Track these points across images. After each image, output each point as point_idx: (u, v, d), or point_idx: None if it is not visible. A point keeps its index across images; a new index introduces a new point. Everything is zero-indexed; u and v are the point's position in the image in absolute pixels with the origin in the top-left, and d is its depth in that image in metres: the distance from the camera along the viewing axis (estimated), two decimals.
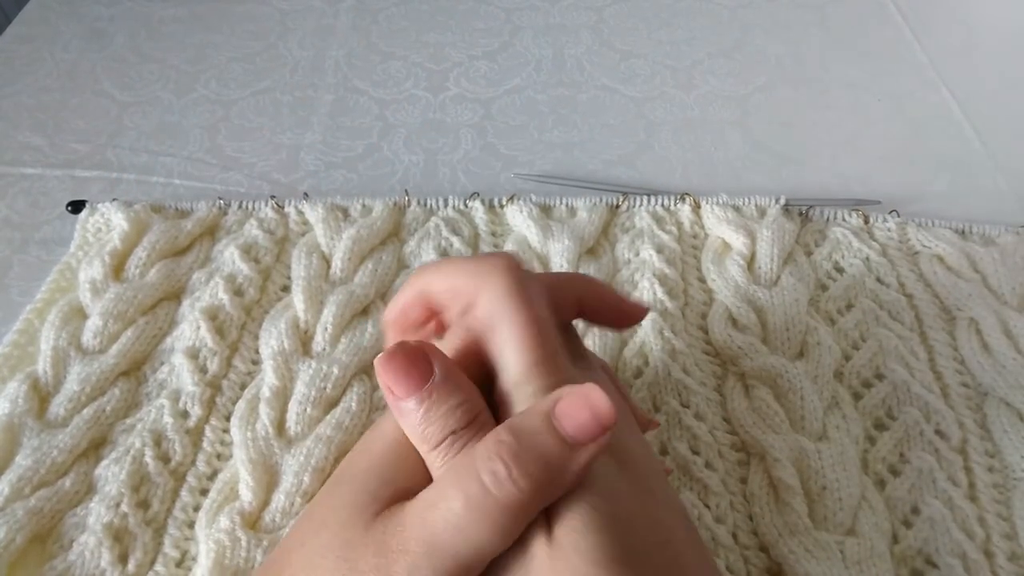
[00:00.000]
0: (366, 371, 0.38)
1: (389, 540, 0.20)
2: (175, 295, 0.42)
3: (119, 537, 0.32)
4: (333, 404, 0.36)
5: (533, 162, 0.52)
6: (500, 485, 0.20)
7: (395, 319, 0.28)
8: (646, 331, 0.39)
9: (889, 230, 0.46)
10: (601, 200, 0.46)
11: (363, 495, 0.22)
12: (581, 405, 0.21)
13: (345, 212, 0.46)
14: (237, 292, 0.41)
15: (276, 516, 0.32)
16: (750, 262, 0.43)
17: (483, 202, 0.46)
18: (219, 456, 0.35)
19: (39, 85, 0.58)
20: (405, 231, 0.46)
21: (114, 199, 0.46)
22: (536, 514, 0.21)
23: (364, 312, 0.41)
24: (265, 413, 0.35)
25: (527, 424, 0.21)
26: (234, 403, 0.37)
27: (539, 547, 0.20)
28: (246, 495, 0.33)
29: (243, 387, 0.38)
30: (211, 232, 0.45)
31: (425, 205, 0.47)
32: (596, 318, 0.30)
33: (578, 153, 0.53)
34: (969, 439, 0.36)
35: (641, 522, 0.21)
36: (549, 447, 0.20)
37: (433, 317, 0.28)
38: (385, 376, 0.22)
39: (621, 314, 0.30)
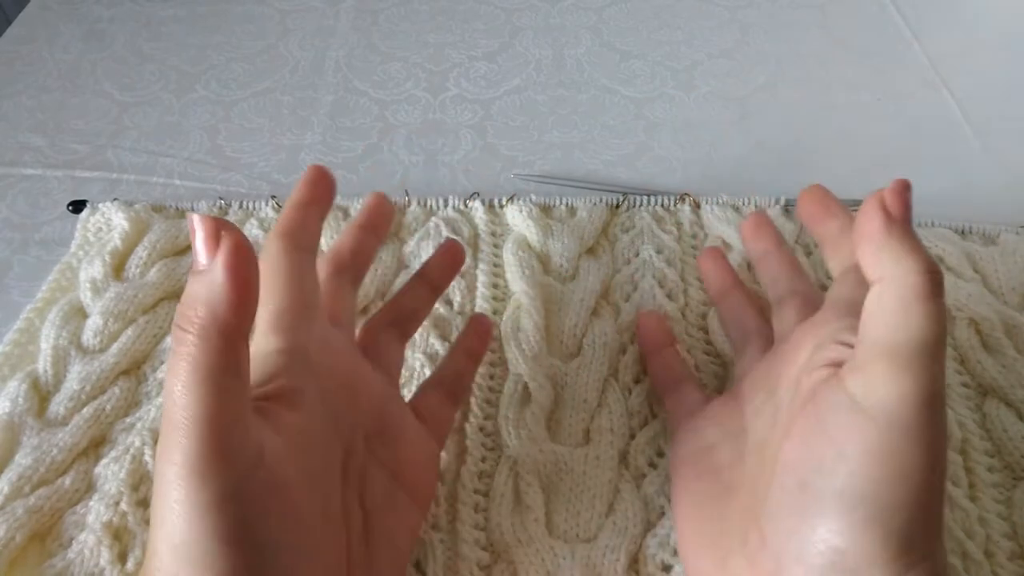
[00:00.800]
0: None
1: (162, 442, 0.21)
2: (175, 294, 0.42)
3: (118, 535, 0.32)
4: None
5: (533, 162, 0.52)
6: (182, 340, 0.21)
7: None
8: None
9: None
10: (601, 200, 0.46)
11: None
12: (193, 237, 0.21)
13: (345, 212, 0.46)
14: None
15: None
16: (750, 262, 0.43)
17: (483, 202, 0.46)
18: None
19: (39, 85, 0.58)
20: (405, 231, 0.46)
21: (115, 199, 0.46)
22: (233, 348, 0.21)
23: (364, 312, 0.41)
24: None
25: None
26: None
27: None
28: None
29: None
30: None
31: (425, 205, 0.47)
32: None
33: (578, 153, 0.53)
34: (969, 439, 0.36)
35: None
36: (191, 287, 0.21)
37: None
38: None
39: None
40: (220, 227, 0.21)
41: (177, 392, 0.20)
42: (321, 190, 0.29)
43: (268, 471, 0.22)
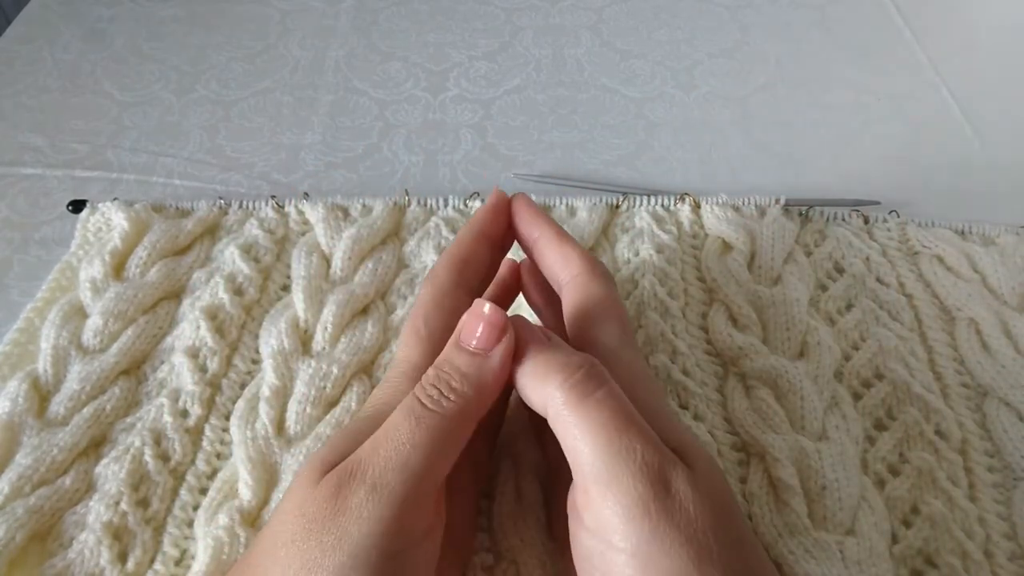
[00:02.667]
0: (366, 370, 0.38)
1: (341, 483, 0.23)
2: (175, 294, 0.42)
3: (118, 536, 0.32)
4: (333, 404, 0.37)
5: (533, 162, 0.52)
6: (437, 402, 0.24)
7: None
8: (647, 330, 0.39)
9: (889, 230, 0.46)
10: (601, 200, 0.46)
11: (315, 462, 0.24)
12: (475, 320, 0.25)
13: (345, 212, 0.46)
14: (237, 291, 0.41)
15: None
16: (750, 262, 0.43)
17: (483, 202, 0.46)
18: (219, 455, 0.35)
19: (39, 85, 0.58)
20: (405, 231, 0.46)
21: (115, 198, 0.46)
22: (472, 425, 0.25)
23: (364, 312, 0.41)
24: (265, 412, 0.35)
25: (444, 355, 0.25)
26: (234, 402, 0.37)
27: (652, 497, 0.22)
28: (245, 494, 0.33)
29: (243, 386, 0.38)
30: (211, 232, 0.45)
31: (425, 205, 0.47)
32: None
33: (578, 153, 0.53)
34: (969, 439, 0.36)
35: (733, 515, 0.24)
36: (463, 363, 0.25)
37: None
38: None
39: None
40: (508, 324, 0.25)
41: (416, 437, 0.23)
42: (500, 223, 0.32)
43: (423, 551, 0.24)
